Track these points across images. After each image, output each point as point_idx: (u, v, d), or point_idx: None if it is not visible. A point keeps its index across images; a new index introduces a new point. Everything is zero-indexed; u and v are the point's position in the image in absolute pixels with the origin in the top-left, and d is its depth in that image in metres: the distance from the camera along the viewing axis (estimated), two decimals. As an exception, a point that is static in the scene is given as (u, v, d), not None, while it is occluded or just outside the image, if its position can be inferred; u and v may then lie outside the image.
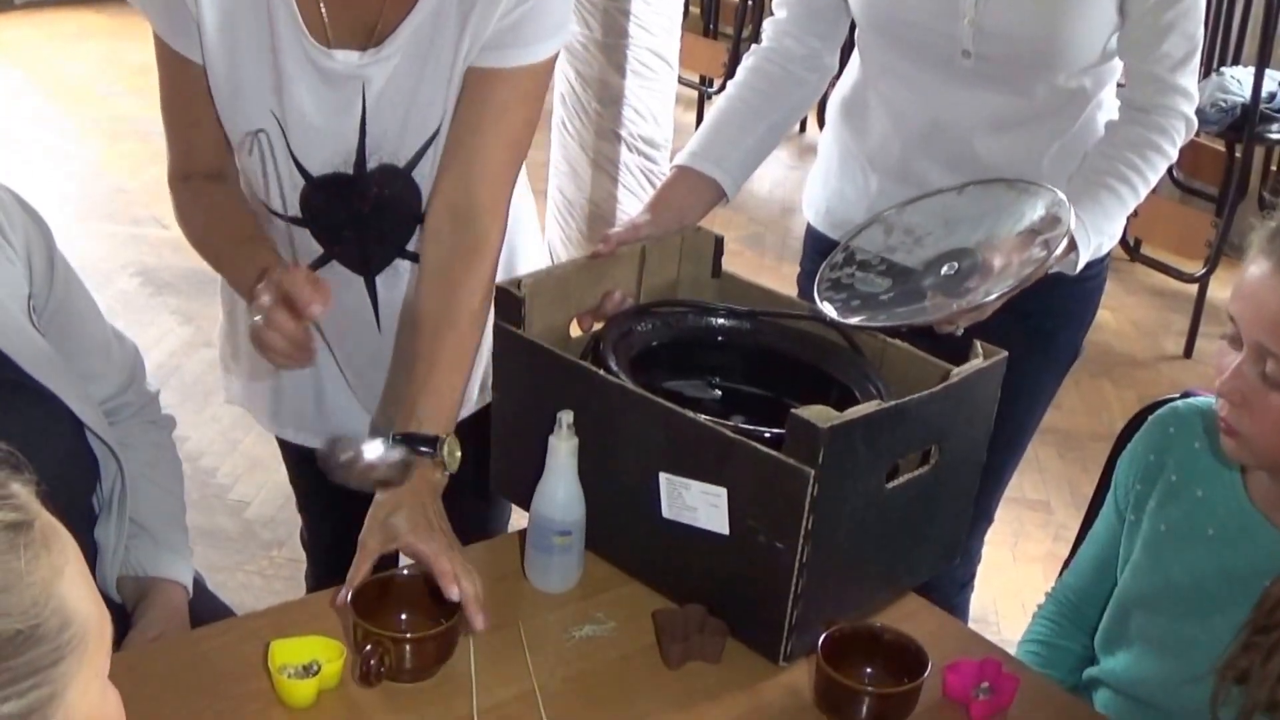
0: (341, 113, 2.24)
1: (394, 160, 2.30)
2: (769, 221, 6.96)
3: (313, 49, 2.16)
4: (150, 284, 5.94)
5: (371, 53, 2.18)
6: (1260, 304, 1.98)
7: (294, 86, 2.20)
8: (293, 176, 2.30)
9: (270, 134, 2.26)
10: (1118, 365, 5.91)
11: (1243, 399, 2.01)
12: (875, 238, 2.53)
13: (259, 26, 2.16)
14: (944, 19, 2.50)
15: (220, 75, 2.20)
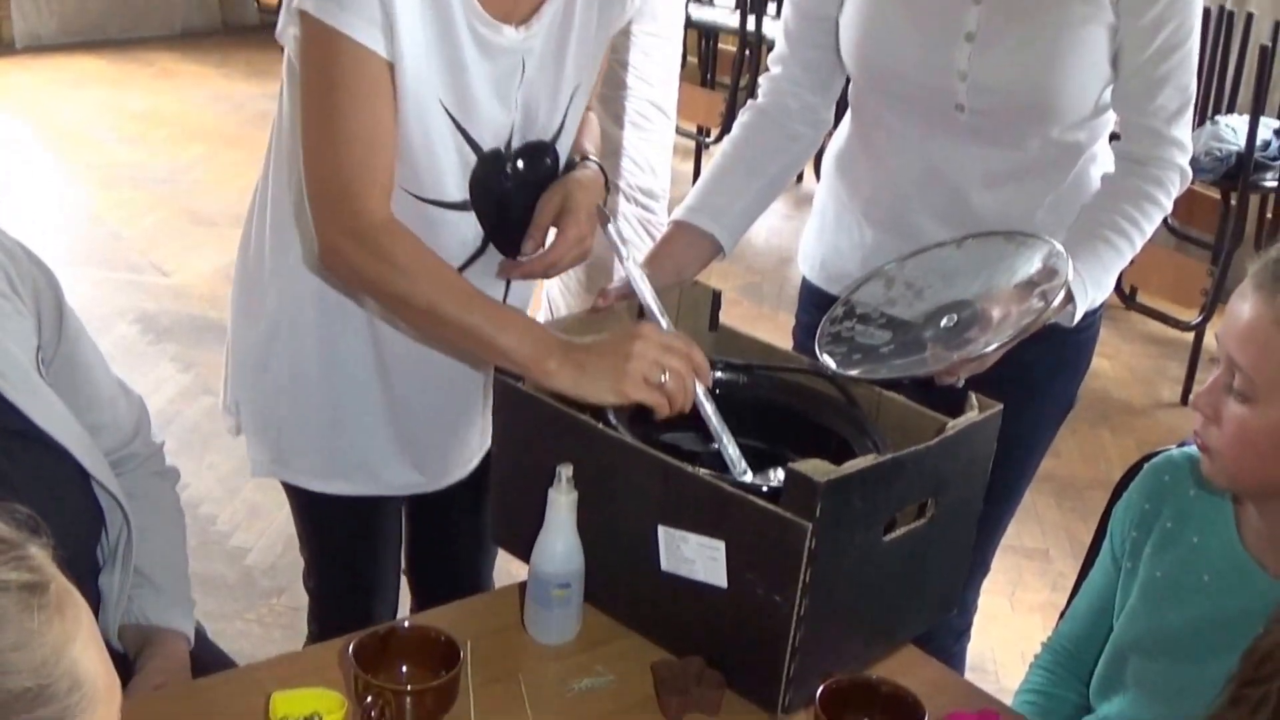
0: (505, 87, 2.34)
1: (541, 134, 2.43)
2: (766, 271, 6.98)
3: (484, 26, 2.26)
4: (149, 331, 5.96)
5: (525, 30, 2.31)
6: (1235, 320, 2.04)
7: (467, 66, 2.28)
8: (464, 156, 2.36)
9: (442, 121, 2.31)
10: (1115, 413, 5.92)
11: (1214, 413, 2.06)
12: (875, 291, 2.55)
13: (434, 11, 2.22)
14: (938, 74, 2.53)
15: (406, 70, 2.22)
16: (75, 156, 8.37)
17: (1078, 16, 2.47)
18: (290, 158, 2.40)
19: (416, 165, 2.33)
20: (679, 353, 2.15)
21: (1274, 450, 2.02)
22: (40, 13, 10.96)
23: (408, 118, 2.27)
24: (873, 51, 2.59)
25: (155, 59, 10.78)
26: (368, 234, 2.23)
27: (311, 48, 2.22)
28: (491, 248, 2.48)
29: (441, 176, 2.36)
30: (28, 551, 1.19)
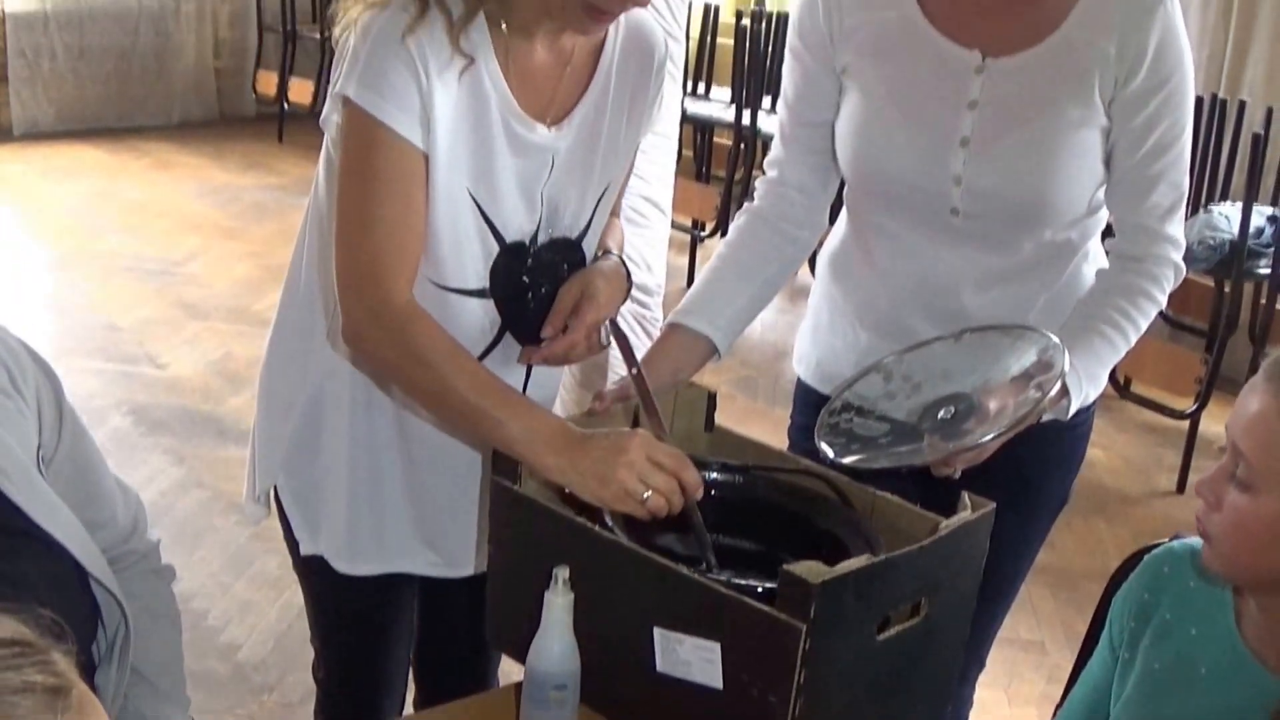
0: (533, 181, 2.45)
1: (567, 232, 2.52)
2: (761, 365, 7.00)
3: (518, 122, 2.38)
4: (142, 423, 5.96)
5: (555, 130, 2.44)
6: (1242, 410, 2.04)
7: (497, 159, 2.39)
8: (487, 245, 2.45)
9: (468, 209, 2.40)
10: (1110, 503, 5.93)
11: (1216, 500, 2.06)
12: (874, 384, 2.57)
13: (474, 106, 2.34)
14: (932, 178, 2.55)
15: (439, 159, 2.33)
16: (71, 246, 8.40)
17: (1072, 120, 2.51)
18: (325, 242, 2.47)
19: (440, 252, 2.41)
20: (667, 471, 2.19)
21: (1272, 540, 2.02)
22: (38, 101, 11.03)
23: (436, 205, 2.36)
24: (868, 156, 2.62)
25: (152, 149, 10.84)
26: (389, 317, 2.33)
27: (351, 134, 2.33)
28: (508, 337, 2.53)
29: (464, 264, 2.44)
30: (51, 656, 1.22)
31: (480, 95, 2.35)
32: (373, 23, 2.29)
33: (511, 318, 2.53)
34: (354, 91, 2.28)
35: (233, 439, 5.79)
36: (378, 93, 2.27)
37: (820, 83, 2.68)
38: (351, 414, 2.56)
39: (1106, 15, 2.49)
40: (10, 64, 10.95)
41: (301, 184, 9.51)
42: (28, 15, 10.99)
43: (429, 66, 2.27)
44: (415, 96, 2.28)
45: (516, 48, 2.39)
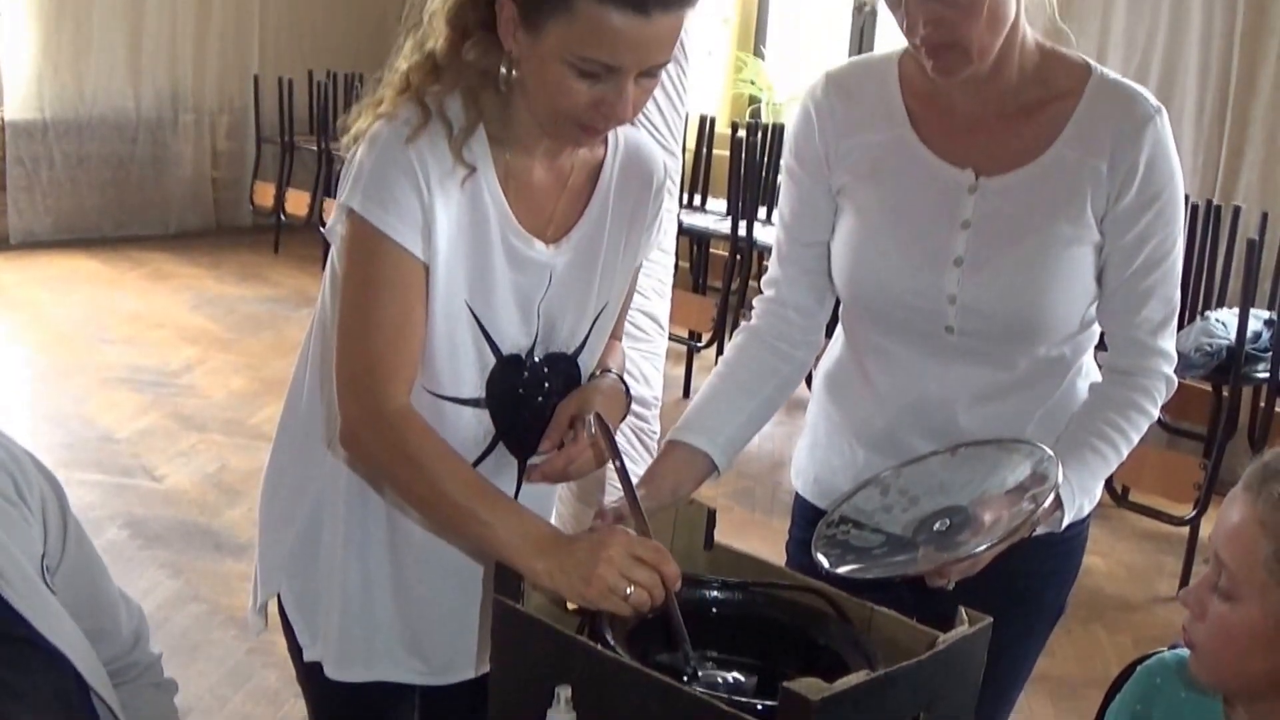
0: (530, 296, 2.50)
1: (564, 348, 2.57)
2: (758, 476, 7.00)
3: (517, 238, 2.44)
4: (139, 536, 5.96)
5: (554, 247, 2.51)
6: (1225, 518, 2.09)
7: (495, 273, 2.44)
8: (484, 357, 2.50)
9: (465, 321, 2.45)
10: (1110, 610, 5.92)
11: (1200, 610, 2.10)
12: (871, 497, 2.58)
13: (474, 220, 2.40)
14: (927, 297, 2.58)
15: (438, 271, 2.38)
16: (68, 356, 8.44)
17: (1065, 237, 2.54)
18: (328, 352, 2.52)
19: (437, 361, 2.46)
20: (648, 566, 2.20)
21: (1254, 647, 2.06)
22: (36, 209, 11.13)
23: (434, 315, 2.42)
24: (863, 276, 2.65)
25: (148, 259, 10.91)
26: (383, 419, 2.38)
27: (354, 244, 2.39)
28: (502, 446, 2.57)
29: (460, 373, 2.49)
30: None
31: (480, 209, 2.41)
32: (379, 135, 2.36)
33: (506, 428, 2.57)
34: (358, 203, 2.34)
35: (230, 552, 5.80)
36: (381, 205, 2.33)
37: (816, 203, 2.72)
38: (347, 519, 2.59)
39: (1098, 133, 2.52)
40: (9, 172, 11.07)
41: (297, 296, 9.57)
42: (26, 123, 11.09)
43: (430, 179, 2.34)
44: (417, 209, 2.34)
45: (516, 165, 2.45)
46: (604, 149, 2.58)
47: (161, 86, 11.83)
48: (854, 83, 2.72)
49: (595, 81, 2.26)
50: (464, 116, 2.38)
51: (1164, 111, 2.55)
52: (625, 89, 2.27)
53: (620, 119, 2.33)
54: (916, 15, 2.43)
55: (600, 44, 2.22)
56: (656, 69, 2.30)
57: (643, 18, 2.20)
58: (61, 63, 11.27)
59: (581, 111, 2.30)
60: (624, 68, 2.25)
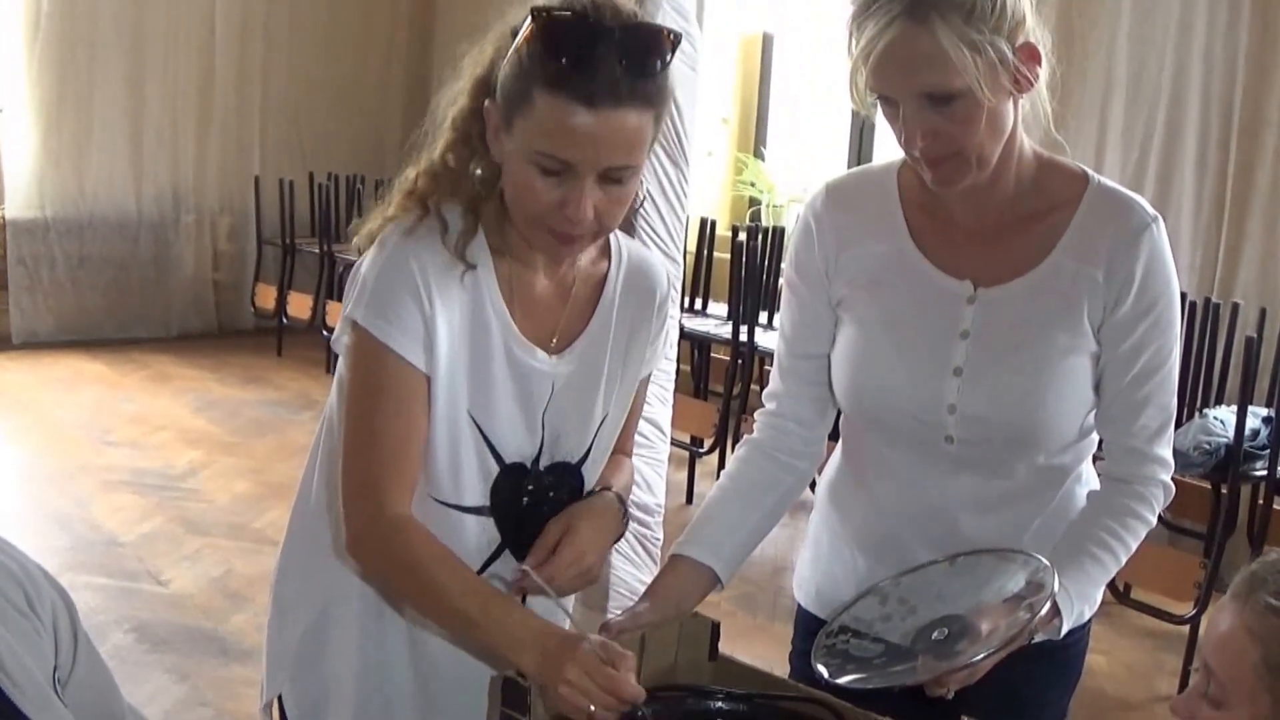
0: (534, 405, 2.53)
1: (568, 457, 2.59)
2: (760, 582, 6.97)
3: (519, 347, 2.49)
4: (145, 640, 5.93)
5: (557, 358, 2.55)
6: (1214, 626, 2.11)
7: (497, 383, 2.48)
8: (486, 466, 2.53)
9: (468, 430, 2.49)
10: (1111, 709, 5.91)
11: (1190, 716, 2.11)
12: (870, 607, 2.60)
13: (475, 327, 2.45)
14: (927, 407, 2.61)
15: (440, 381, 2.44)
16: (72, 457, 8.44)
17: (1062, 347, 2.56)
18: (334, 458, 2.54)
19: (439, 469, 2.50)
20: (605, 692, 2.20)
21: None
22: (38, 309, 11.15)
23: (437, 424, 2.46)
24: (864, 387, 2.68)
25: (151, 361, 10.93)
26: (383, 526, 2.43)
27: (358, 355, 2.45)
28: (507, 554, 2.60)
29: (463, 482, 2.52)
30: None
31: (482, 318, 2.47)
32: (383, 244, 2.44)
33: (510, 536, 2.59)
34: (361, 316, 2.41)
35: (235, 657, 5.79)
36: (384, 318, 2.40)
37: (816, 316, 2.74)
38: (361, 628, 2.62)
39: (1094, 243, 2.55)
40: (10, 271, 11.10)
41: (301, 399, 9.59)
42: (28, 222, 11.14)
43: (432, 289, 2.40)
44: (419, 322, 2.40)
45: (517, 274, 2.51)
46: (608, 262, 2.63)
47: (163, 187, 11.87)
48: (853, 194, 2.75)
49: (557, 181, 2.32)
50: (463, 222, 2.45)
51: (1160, 220, 2.57)
52: (583, 189, 2.31)
53: (580, 222, 2.34)
54: (914, 128, 2.45)
55: (554, 138, 2.28)
56: (619, 173, 2.34)
57: (591, 112, 2.26)
58: (63, 160, 11.32)
59: (546, 213, 2.35)
60: (578, 165, 2.30)
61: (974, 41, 2.37)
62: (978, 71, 2.37)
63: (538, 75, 2.28)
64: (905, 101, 2.44)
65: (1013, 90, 2.46)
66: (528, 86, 2.30)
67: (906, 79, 2.42)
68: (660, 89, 2.35)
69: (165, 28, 11.70)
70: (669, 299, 2.76)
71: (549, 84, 2.27)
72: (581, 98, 2.25)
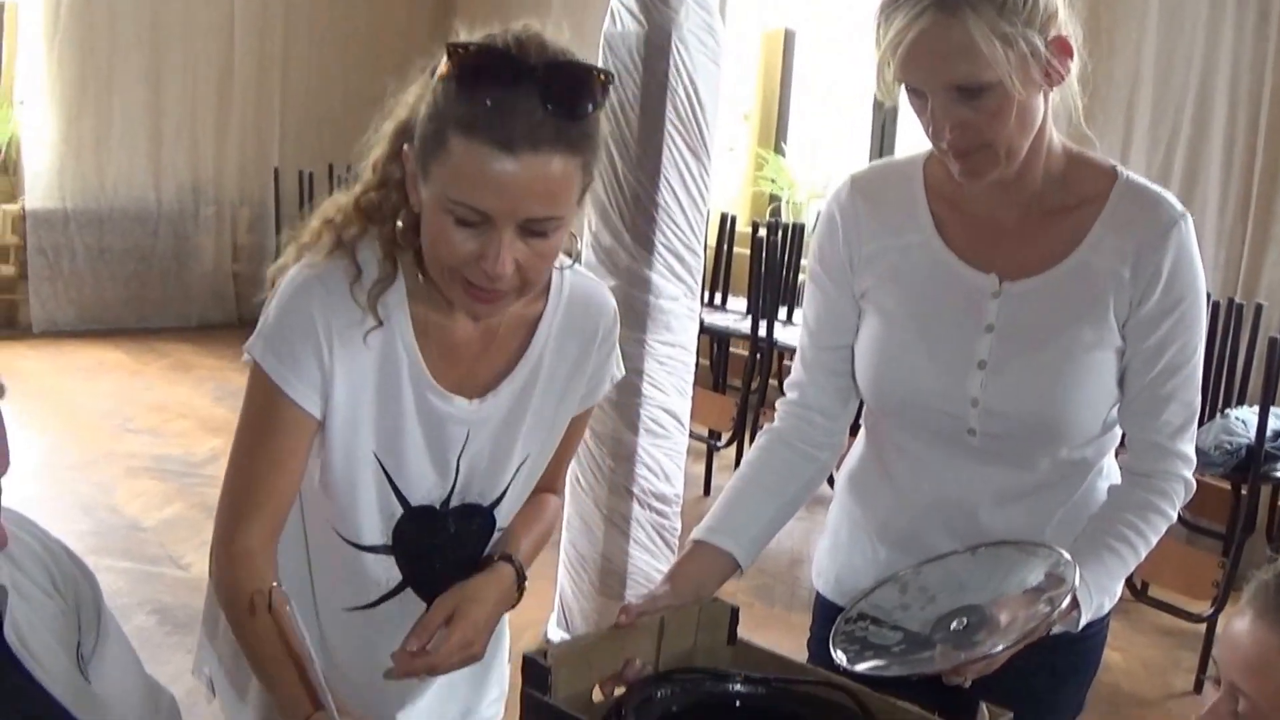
0: (447, 450, 2.47)
1: (480, 500, 2.53)
2: (777, 573, 6.99)
3: (433, 393, 2.42)
4: (167, 623, 5.97)
5: (478, 403, 2.44)
6: (1235, 647, 2.08)
7: (407, 428, 2.42)
8: (390, 508, 2.49)
9: (374, 471, 2.44)
10: (1127, 706, 5.90)
11: None
12: (890, 595, 2.60)
13: (383, 373, 2.39)
14: (950, 400, 2.61)
15: (339, 424, 2.39)
16: (94, 445, 8.48)
17: (1087, 342, 2.56)
18: None
19: (341, 507, 2.48)
20: None
21: None
22: (58, 299, 11.17)
23: (337, 465, 2.43)
24: (887, 379, 2.68)
25: (171, 350, 10.95)
26: (225, 557, 2.41)
27: (252, 385, 2.41)
28: (409, 591, 2.59)
29: (363, 522, 2.50)
30: None
31: (392, 364, 2.40)
32: (291, 282, 2.37)
33: (413, 577, 2.58)
34: (259, 353, 2.36)
35: (254, 640, 5.78)
36: (278, 358, 2.34)
37: (840, 308, 2.74)
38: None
39: (1122, 238, 2.54)
40: (30, 261, 11.12)
41: (319, 387, 9.57)
42: (48, 213, 11.15)
43: (333, 338, 2.34)
44: (315, 369, 2.34)
45: (435, 321, 2.43)
46: (544, 303, 2.51)
47: (182, 179, 11.89)
48: (878, 186, 2.74)
49: (473, 231, 2.19)
50: (378, 270, 2.36)
51: (1189, 217, 2.57)
52: (502, 242, 2.18)
53: (498, 277, 2.22)
54: (943, 120, 2.45)
55: (469, 186, 2.16)
56: (541, 225, 2.21)
57: (509, 157, 2.13)
58: (83, 152, 11.34)
59: (462, 264, 2.23)
60: (495, 215, 2.17)
61: (1006, 34, 2.36)
62: (1009, 64, 2.37)
63: (452, 117, 2.16)
64: (934, 93, 2.44)
65: (1043, 84, 2.46)
66: (442, 129, 2.17)
67: (936, 71, 2.42)
68: (588, 134, 2.21)
69: (184, 20, 11.74)
70: (614, 330, 2.64)
71: (464, 127, 2.14)
72: (499, 142, 2.12)
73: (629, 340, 5.29)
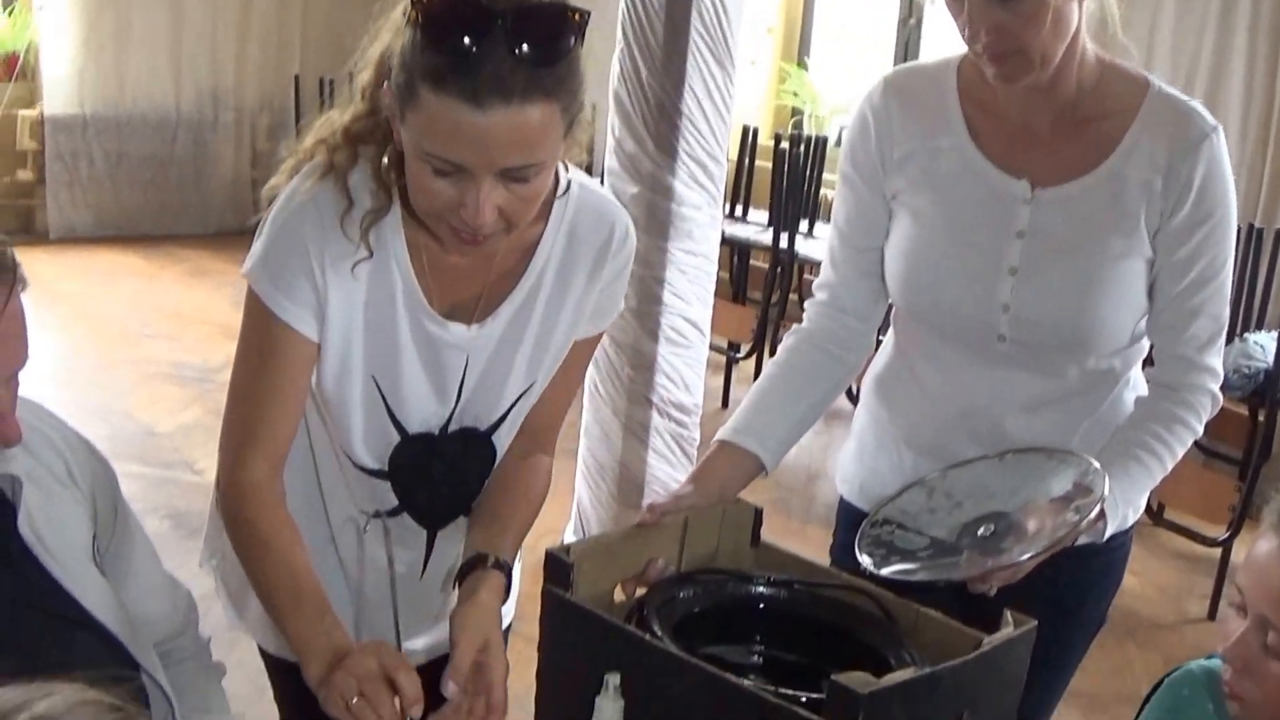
0: (444, 378, 2.42)
1: (476, 424, 2.48)
2: (795, 487, 7.01)
3: (429, 320, 2.36)
4: (181, 528, 5.96)
5: (476, 328, 2.38)
6: (1265, 577, 2.04)
7: (405, 353, 2.38)
8: (387, 434, 2.45)
9: (370, 397, 2.41)
10: (1142, 629, 5.91)
11: (1245, 666, 2.06)
12: (916, 499, 2.59)
13: (379, 296, 2.34)
14: (980, 305, 2.60)
15: (334, 347, 2.35)
16: (110, 350, 8.48)
17: (1117, 251, 2.55)
18: None
19: (343, 429, 2.45)
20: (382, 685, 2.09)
21: None
22: (75, 205, 11.12)
23: (330, 387, 2.41)
24: (918, 283, 2.67)
25: (188, 256, 10.92)
26: (233, 486, 2.38)
27: (249, 309, 2.36)
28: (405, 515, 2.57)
29: (362, 446, 2.47)
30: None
31: (385, 290, 2.35)
32: (286, 203, 2.32)
33: (410, 501, 2.55)
34: (254, 278, 2.32)
35: (270, 545, 5.78)
36: (272, 282, 2.30)
37: (871, 209, 2.73)
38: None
39: (1154, 149, 2.53)
40: (48, 167, 11.05)
41: (337, 294, 9.56)
42: (66, 119, 11.07)
43: (325, 261, 2.29)
44: (309, 291, 2.30)
45: (432, 247, 2.36)
46: (544, 224, 2.41)
47: (202, 85, 11.80)
48: (912, 88, 2.72)
49: (451, 180, 2.13)
50: (371, 200, 2.29)
51: (1221, 130, 2.56)
52: (480, 192, 2.12)
53: (478, 226, 2.16)
54: (979, 23, 2.43)
55: (440, 138, 2.09)
56: (522, 171, 2.13)
57: (479, 111, 2.04)
58: (102, 58, 11.24)
59: (445, 212, 2.18)
60: (470, 167, 2.10)
61: None
62: None
63: (420, 68, 2.08)
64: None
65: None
66: (412, 80, 2.09)
67: None
68: (565, 77, 2.11)
69: (206, -79, 11.64)
70: (625, 248, 2.51)
71: (433, 79, 2.06)
72: (468, 95, 2.04)
73: (651, 248, 5.29)
